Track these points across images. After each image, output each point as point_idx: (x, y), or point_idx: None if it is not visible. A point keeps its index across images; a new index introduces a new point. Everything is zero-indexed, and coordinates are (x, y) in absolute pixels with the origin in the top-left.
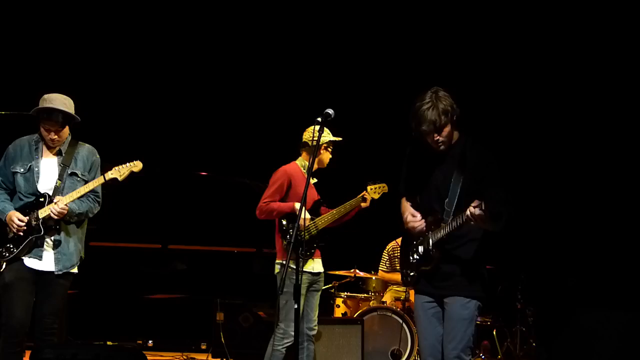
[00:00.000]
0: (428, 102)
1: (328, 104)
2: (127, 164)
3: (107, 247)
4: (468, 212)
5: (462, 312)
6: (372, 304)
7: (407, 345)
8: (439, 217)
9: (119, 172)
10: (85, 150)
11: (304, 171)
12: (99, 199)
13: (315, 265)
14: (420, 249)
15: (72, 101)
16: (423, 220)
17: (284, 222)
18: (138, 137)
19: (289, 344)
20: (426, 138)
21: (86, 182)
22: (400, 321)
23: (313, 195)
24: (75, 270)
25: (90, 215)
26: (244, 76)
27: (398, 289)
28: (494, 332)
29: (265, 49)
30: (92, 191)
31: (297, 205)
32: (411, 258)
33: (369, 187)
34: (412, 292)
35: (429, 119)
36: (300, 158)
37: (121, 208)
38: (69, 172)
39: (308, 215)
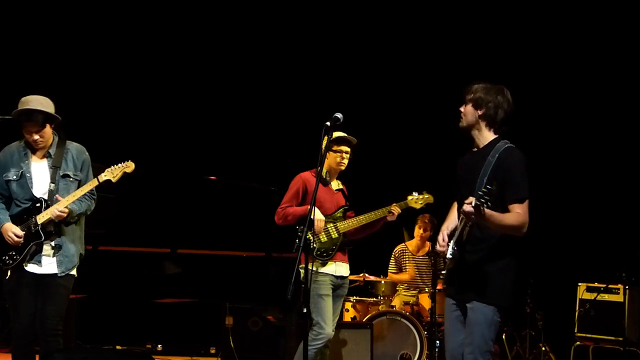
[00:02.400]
0: (489, 84)
1: (343, 109)
2: (120, 164)
3: (116, 252)
4: (462, 209)
5: (479, 317)
6: (381, 308)
7: (416, 349)
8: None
9: (112, 174)
10: (75, 150)
11: (325, 178)
12: (94, 197)
13: (337, 268)
14: (450, 249)
15: (50, 101)
16: (445, 247)
17: (298, 227)
18: (148, 141)
19: (321, 344)
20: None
21: (79, 181)
22: (410, 325)
23: (338, 201)
24: (74, 272)
25: (88, 212)
26: (255, 80)
27: (407, 293)
28: (503, 336)
29: (279, 53)
30: (89, 192)
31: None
32: (446, 259)
33: (409, 197)
34: (421, 296)
35: (471, 87)
36: None
37: (130, 212)
38: (61, 174)
39: (322, 217)
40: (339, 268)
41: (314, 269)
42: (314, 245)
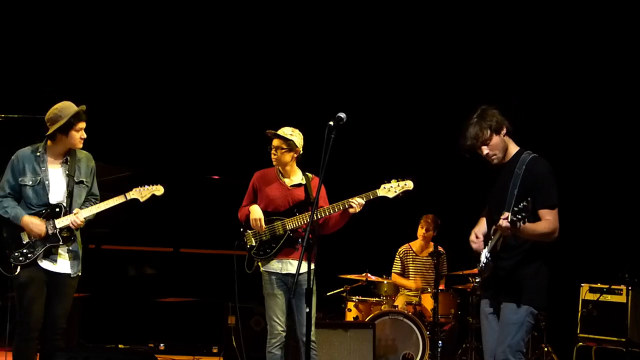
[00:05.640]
0: (473, 119)
1: (342, 108)
2: (149, 186)
3: (119, 251)
4: (498, 224)
5: (512, 317)
6: (383, 308)
7: (419, 349)
8: (497, 229)
9: (140, 194)
10: (85, 158)
11: (278, 175)
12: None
13: (284, 265)
14: (484, 257)
15: None
16: (481, 242)
17: (242, 229)
18: (151, 140)
19: (277, 344)
20: (479, 153)
21: (88, 187)
22: (412, 325)
23: (294, 197)
24: (79, 272)
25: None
26: (259, 79)
27: (410, 293)
28: None
29: (279, 53)
30: (93, 196)
31: (252, 207)
32: (479, 265)
33: (382, 186)
34: (423, 296)
35: (471, 135)
36: None
37: (133, 212)
38: (76, 181)
39: (261, 215)
40: (287, 266)
41: (308, 269)
42: (254, 244)
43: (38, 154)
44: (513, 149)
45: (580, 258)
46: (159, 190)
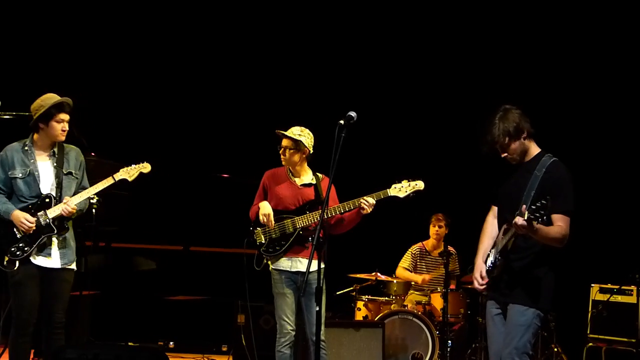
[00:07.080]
0: (495, 120)
1: (353, 107)
2: (136, 165)
3: (129, 249)
4: (513, 222)
5: (520, 319)
6: (393, 307)
7: (428, 349)
8: (508, 228)
9: (127, 173)
10: (74, 152)
11: (288, 174)
12: (91, 198)
13: (293, 263)
14: (492, 257)
15: None
16: (484, 287)
17: (252, 227)
18: (160, 139)
19: (287, 343)
20: (497, 152)
21: (78, 179)
22: (422, 325)
23: (304, 196)
24: (74, 266)
25: (83, 211)
26: (269, 78)
27: (419, 292)
28: None
29: (291, 52)
30: (84, 190)
31: (261, 203)
32: (486, 265)
33: (393, 186)
34: (433, 296)
35: (491, 137)
36: None
37: (143, 210)
38: (65, 172)
39: (270, 211)
40: (296, 264)
41: (318, 268)
42: (263, 241)
43: (26, 147)
44: (534, 150)
45: (591, 258)
46: (145, 167)
